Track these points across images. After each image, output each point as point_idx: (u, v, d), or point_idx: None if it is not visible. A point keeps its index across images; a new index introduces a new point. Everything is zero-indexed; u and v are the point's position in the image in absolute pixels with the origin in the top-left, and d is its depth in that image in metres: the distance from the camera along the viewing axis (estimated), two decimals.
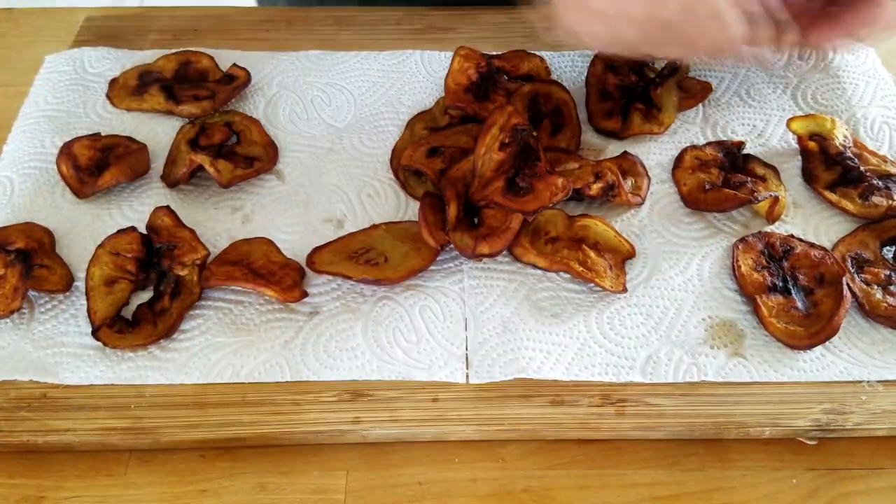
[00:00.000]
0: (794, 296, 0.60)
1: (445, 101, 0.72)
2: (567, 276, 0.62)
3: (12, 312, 0.59)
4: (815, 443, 0.55)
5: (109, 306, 0.59)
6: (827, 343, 0.57)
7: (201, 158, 0.66)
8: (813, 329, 0.57)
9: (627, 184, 0.67)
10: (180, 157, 0.69)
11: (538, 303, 0.60)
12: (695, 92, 0.75)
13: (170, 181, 0.68)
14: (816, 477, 0.54)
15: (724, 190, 0.65)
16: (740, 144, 0.69)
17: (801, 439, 0.55)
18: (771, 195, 0.64)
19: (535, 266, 0.62)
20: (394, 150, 0.70)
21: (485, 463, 0.54)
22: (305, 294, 0.59)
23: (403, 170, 0.68)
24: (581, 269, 0.60)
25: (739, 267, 0.61)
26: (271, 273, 0.60)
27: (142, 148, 0.69)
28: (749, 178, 0.66)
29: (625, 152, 0.69)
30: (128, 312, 0.60)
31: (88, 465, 0.54)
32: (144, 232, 0.63)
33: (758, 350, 0.57)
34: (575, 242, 0.63)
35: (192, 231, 0.63)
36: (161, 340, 0.57)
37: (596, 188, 0.65)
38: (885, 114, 0.73)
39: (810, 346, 0.57)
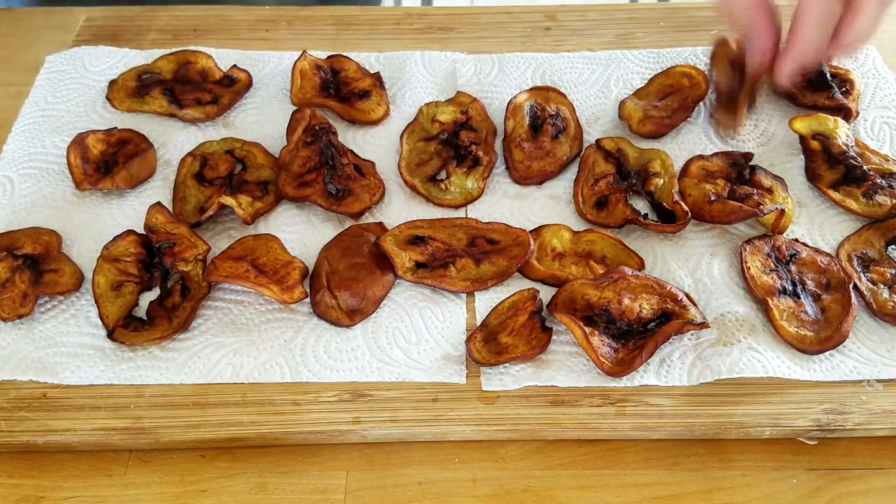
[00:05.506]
0: (803, 300, 0.59)
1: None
2: None
3: (19, 317, 0.59)
4: (815, 443, 0.55)
5: (120, 308, 0.59)
6: None
7: (228, 200, 0.63)
8: (822, 335, 0.57)
9: None
10: (189, 194, 0.67)
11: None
12: None
13: (192, 222, 0.64)
14: (816, 477, 0.54)
15: (729, 202, 0.64)
16: (748, 156, 0.68)
17: (801, 439, 0.55)
18: (777, 208, 0.63)
19: (543, 282, 0.61)
20: (400, 167, 0.69)
21: (485, 463, 0.54)
22: (306, 294, 0.59)
23: (423, 183, 0.68)
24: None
25: (749, 269, 0.60)
26: (274, 271, 0.60)
27: (151, 149, 0.69)
28: (755, 190, 0.65)
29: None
30: (138, 313, 0.60)
31: (88, 465, 0.54)
32: (143, 232, 0.63)
33: (770, 345, 0.57)
34: (582, 258, 0.62)
35: (188, 226, 0.63)
36: (176, 334, 0.58)
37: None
38: (885, 114, 0.73)
39: (820, 352, 0.57)
